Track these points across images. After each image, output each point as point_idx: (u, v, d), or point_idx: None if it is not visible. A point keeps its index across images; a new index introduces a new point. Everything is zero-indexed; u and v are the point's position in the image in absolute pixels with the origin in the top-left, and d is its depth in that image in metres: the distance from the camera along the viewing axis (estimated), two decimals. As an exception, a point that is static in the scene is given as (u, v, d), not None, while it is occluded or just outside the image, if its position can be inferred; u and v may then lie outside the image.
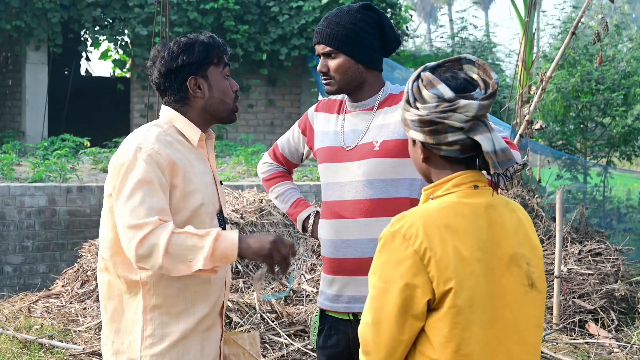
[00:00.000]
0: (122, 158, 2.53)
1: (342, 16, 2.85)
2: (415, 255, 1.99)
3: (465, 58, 2.12)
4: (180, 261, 2.41)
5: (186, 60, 2.61)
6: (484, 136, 2.02)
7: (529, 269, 2.09)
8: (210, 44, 2.65)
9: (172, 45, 2.66)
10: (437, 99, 2.05)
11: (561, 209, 6.20)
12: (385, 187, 2.82)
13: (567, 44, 7.41)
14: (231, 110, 2.71)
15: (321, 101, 3.11)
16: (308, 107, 14.41)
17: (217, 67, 2.67)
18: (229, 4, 13.73)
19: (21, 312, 6.28)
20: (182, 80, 2.63)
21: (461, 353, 1.98)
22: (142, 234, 2.39)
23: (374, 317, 2.03)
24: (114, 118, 16.35)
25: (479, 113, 2.03)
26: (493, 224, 2.06)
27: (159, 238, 2.39)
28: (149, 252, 2.40)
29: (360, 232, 2.84)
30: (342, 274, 2.88)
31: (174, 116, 2.66)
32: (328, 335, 2.95)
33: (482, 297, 2.00)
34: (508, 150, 2.04)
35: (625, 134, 11.45)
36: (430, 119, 2.05)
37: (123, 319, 2.60)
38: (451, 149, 2.06)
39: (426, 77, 2.08)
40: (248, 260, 2.86)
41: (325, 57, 2.88)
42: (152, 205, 2.43)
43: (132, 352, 2.58)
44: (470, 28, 17.26)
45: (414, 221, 2.03)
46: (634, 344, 5.78)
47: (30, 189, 8.56)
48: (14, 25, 12.77)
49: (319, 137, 3.01)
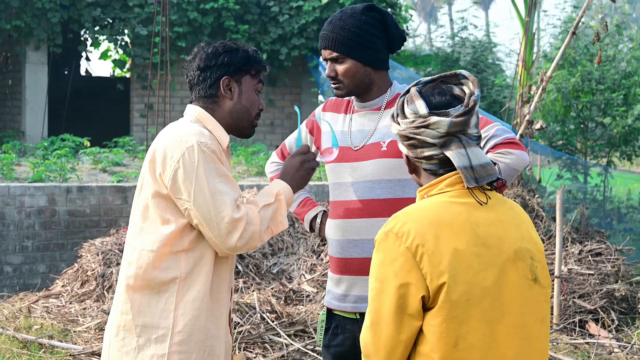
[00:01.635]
0: (185, 155, 2.56)
1: (346, 20, 2.85)
2: (407, 252, 2.01)
3: (461, 74, 2.17)
4: (266, 232, 2.66)
5: (226, 61, 2.70)
6: (455, 152, 2.07)
7: (532, 263, 2.10)
8: (253, 55, 2.75)
9: (217, 45, 2.75)
10: (414, 114, 2.12)
11: (561, 209, 6.20)
12: (392, 188, 2.83)
13: (568, 43, 7.41)
14: (251, 123, 2.78)
15: (328, 101, 3.11)
16: (308, 107, 14.46)
17: (252, 79, 2.76)
18: (229, 4, 13.73)
19: (21, 312, 6.28)
20: (217, 78, 2.71)
21: (459, 347, 1.99)
22: (241, 227, 2.56)
23: (373, 319, 2.05)
24: (114, 118, 16.34)
25: (451, 130, 2.07)
26: (492, 221, 2.08)
27: (251, 225, 2.59)
28: (247, 240, 2.59)
29: (368, 232, 2.85)
30: (349, 274, 2.89)
31: (204, 116, 2.71)
32: (334, 334, 2.96)
33: (484, 292, 2.00)
34: (489, 166, 2.08)
35: (625, 134, 11.44)
36: (406, 134, 2.13)
37: (150, 313, 2.60)
38: (430, 162, 2.13)
39: (411, 92, 2.16)
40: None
41: (332, 61, 2.89)
42: (234, 195, 2.59)
43: (159, 347, 2.57)
44: (470, 28, 17.24)
45: (406, 220, 2.05)
46: (634, 344, 5.77)
47: (30, 189, 8.55)
48: (14, 25, 12.77)
49: (326, 137, 3.02)
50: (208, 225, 2.55)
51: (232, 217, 2.55)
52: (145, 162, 2.68)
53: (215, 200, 2.55)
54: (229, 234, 2.55)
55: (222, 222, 2.54)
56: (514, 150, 2.70)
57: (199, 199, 2.54)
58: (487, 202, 2.10)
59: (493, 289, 2.01)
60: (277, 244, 7.53)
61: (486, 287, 2.01)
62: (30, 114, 13.21)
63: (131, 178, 9.64)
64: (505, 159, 2.68)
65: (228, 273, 2.71)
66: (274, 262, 7.37)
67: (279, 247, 7.53)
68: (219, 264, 2.66)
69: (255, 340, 5.53)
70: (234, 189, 2.61)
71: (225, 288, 2.69)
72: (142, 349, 2.59)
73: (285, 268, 7.33)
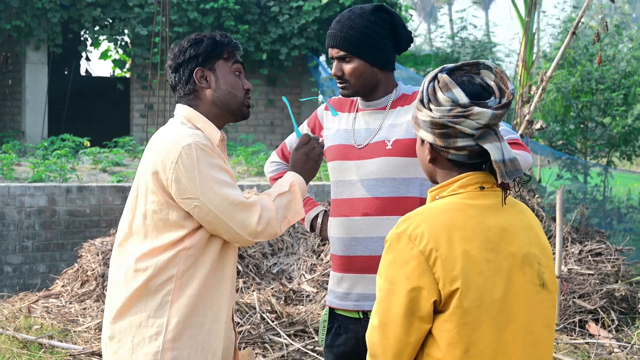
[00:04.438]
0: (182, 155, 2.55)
1: (355, 19, 2.85)
2: (420, 256, 1.98)
3: (483, 63, 2.10)
4: (285, 220, 2.68)
5: (193, 53, 2.69)
6: (493, 145, 2.01)
7: (540, 269, 2.08)
8: (220, 40, 2.73)
9: (183, 41, 2.75)
10: (452, 102, 2.04)
11: (561, 209, 6.20)
12: (396, 186, 2.83)
13: (567, 43, 7.41)
14: (241, 103, 2.75)
15: (331, 100, 3.11)
16: (308, 107, 14.46)
17: (226, 62, 2.73)
18: (229, 4, 13.73)
19: (21, 312, 6.28)
20: (190, 73, 2.70)
21: (470, 354, 1.97)
22: (257, 211, 2.59)
23: (381, 320, 2.02)
24: (114, 118, 16.33)
25: (491, 122, 2.02)
26: (503, 224, 2.05)
27: (267, 210, 2.61)
28: (266, 225, 2.60)
29: (371, 230, 2.84)
30: (352, 272, 2.89)
31: (192, 115, 2.71)
32: (337, 334, 2.95)
33: (493, 298, 1.98)
34: (517, 161, 2.03)
35: (625, 133, 11.44)
36: (442, 122, 2.03)
37: (147, 312, 2.59)
38: (459, 153, 2.06)
39: (443, 79, 2.07)
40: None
41: (339, 60, 2.88)
42: (236, 186, 2.61)
43: (153, 345, 2.57)
44: (470, 28, 17.24)
45: (420, 222, 2.02)
46: (634, 344, 5.77)
47: (30, 189, 8.55)
48: (14, 25, 12.77)
49: (330, 134, 3.02)
50: (224, 215, 2.54)
51: (245, 202, 2.56)
52: (143, 174, 2.64)
53: (225, 190, 2.55)
54: (247, 219, 2.56)
55: (237, 208, 2.55)
56: (518, 151, 2.72)
57: (208, 193, 2.53)
58: (499, 203, 2.06)
59: (501, 294, 1.99)
60: (277, 244, 7.53)
61: (495, 293, 1.99)
62: (30, 114, 13.21)
63: (131, 178, 9.63)
64: None
65: (230, 270, 2.69)
66: (274, 262, 7.37)
67: (279, 247, 7.53)
68: (219, 261, 2.65)
69: (255, 340, 5.53)
70: (235, 185, 2.62)
71: (227, 285, 2.67)
72: (136, 348, 2.59)
73: (285, 268, 7.33)
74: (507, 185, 2.04)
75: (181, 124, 2.67)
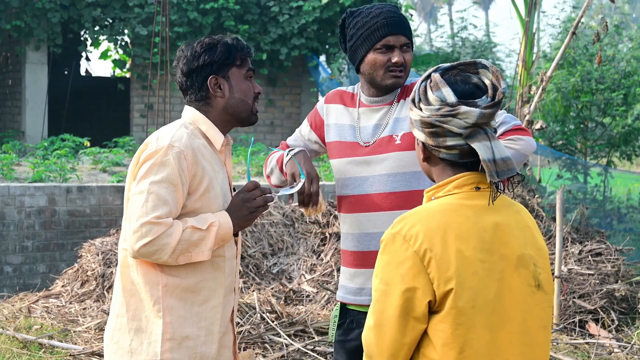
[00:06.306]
0: (152, 151, 2.55)
1: (397, 11, 2.89)
2: (415, 256, 1.98)
3: (480, 62, 2.11)
4: (182, 254, 2.54)
5: (207, 60, 2.66)
6: (482, 144, 2.01)
7: (535, 270, 2.07)
8: (233, 45, 2.70)
9: (195, 45, 2.70)
10: (440, 102, 2.05)
11: (561, 209, 6.20)
12: (408, 180, 2.85)
13: (567, 43, 7.41)
14: (250, 111, 2.74)
15: (330, 92, 3.11)
16: (308, 107, 14.46)
17: (239, 69, 2.71)
18: (229, 4, 13.73)
19: (21, 312, 6.28)
20: (203, 80, 2.67)
21: (465, 354, 1.97)
22: (156, 233, 2.47)
23: (376, 320, 2.02)
24: (114, 118, 16.34)
25: (479, 121, 2.02)
26: (498, 225, 2.05)
27: (170, 237, 2.49)
28: (156, 250, 2.49)
29: (384, 225, 2.83)
30: (366, 267, 2.90)
31: (198, 118, 2.69)
32: (349, 329, 2.96)
33: (487, 299, 1.99)
34: (509, 160, 2.03)
35: (625, 133, 11.44)
36: (430, 121, 2.05)
37: (144, 318, 2.60)
38: (450, 152, 2.06)
39: (435, 78, 2.08)
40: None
41: (402, 49, 2.88)
42: (171, 205, 2.51)
43: (151, 352, 2.57)
44: (470, 28, 17.22)
45: (415, 222, 2.02)
46: (634, 344, 5.77)
47: (30, 189, 8.55)
48: (14, 25, 12.76)
49: (332, 130, 3.02)
50: (129, 217, 2.53)
51: (152, 220, 2.47)
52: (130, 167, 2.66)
53: (149, 200, 2.50)
54: (141, 237, 2.48)
55: (142, 219, 2.48)
56: (523, 136, 2.80)
57: (136, 193, 2.53)
58: (494, 204, 2.06)
59: (496, 295, 1.99)
60: (277, 244, 7.53)
61: (489, 293, 1.99)
62: (30, 114, 13.21)
63: (131, 178, 9.63)
64: (516, 145, 2.76)
65: (225, 277, 2.67)
66: (274, 262, 7.37)
67: (279, 247, 7.53)
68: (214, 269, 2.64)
69: (255, 340, 5.53)
70: (176, 203, 2.53)
71: (221, 293, 2.66)
72: (134, 353, 2.59)
73: (285, 268, 7.33)
74: (498, 184, 2.04)
75: (181, 126, 2.66)
